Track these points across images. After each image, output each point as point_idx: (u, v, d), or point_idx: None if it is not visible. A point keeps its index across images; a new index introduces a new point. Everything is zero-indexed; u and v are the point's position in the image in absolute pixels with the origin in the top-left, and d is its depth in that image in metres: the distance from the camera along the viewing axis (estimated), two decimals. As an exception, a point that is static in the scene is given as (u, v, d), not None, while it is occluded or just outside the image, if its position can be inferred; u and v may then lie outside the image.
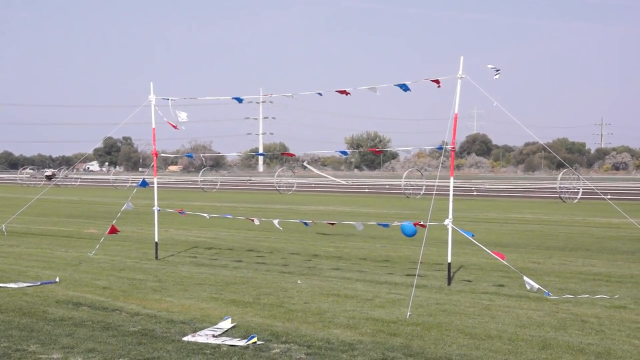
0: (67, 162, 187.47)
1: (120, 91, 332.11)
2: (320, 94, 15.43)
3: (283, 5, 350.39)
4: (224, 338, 9.23)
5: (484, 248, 14.10)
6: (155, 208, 17.42)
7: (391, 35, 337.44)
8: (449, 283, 13.50)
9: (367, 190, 69.03)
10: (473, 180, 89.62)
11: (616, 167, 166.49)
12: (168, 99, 16.78)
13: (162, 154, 20.30)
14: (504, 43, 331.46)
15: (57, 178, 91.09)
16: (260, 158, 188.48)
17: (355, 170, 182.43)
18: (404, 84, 13.80)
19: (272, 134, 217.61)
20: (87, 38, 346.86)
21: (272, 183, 71.50)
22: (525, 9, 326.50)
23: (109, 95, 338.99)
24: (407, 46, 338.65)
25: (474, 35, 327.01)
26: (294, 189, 67.20)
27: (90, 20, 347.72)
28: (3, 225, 21.13)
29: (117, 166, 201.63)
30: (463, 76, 13.04)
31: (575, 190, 50.60)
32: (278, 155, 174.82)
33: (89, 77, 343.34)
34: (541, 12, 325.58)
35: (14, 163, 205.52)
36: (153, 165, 17.98)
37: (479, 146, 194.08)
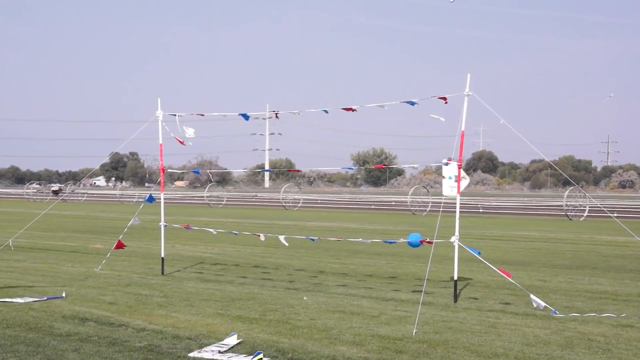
0: (73, 177, 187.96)
1: (127, 107, 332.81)
2: (326, 111, 15.46)
3: (290, 18, 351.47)
4: (230, 354, 9.23)
5: (490, 265, 14.08)
6: (162, 223, 17.45)
7: (399, 50, 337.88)
8: (455, 300, 13.48)
9: (373, 207, 69.02)
10: (479, 198, 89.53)
11: (622, 185, 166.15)
12: (175, 115, 16.84)
13: (168, 170, 20.33)
14: (510, 60, 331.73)
15: (64, 193, 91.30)
16: (267, 174, 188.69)
17: (362, 187, 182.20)
18: (412, 101, 13.84)
19: (278, 149, 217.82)
20: (95, 53, 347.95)
21: (278, 199, 71.55)
22: (533, 26, 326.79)
23: (116, 110, 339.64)
24: (413, 62, 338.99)
25: (481, 51, 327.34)
26: (300, 205, 67.21)
27: (96, 34, 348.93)
28: (10, 240, 21.14)
29: (124, 181, 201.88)
30: (470, 93, 13.07)
31: (582, 208, 50.54)
32: (284, 171, 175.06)
33: (96, 92, 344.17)
34: (549, 29, 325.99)
35: (20, 178, 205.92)
36: (160, 181, 18.01)
37: (485, 163, 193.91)
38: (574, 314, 12.30)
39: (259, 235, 17.16)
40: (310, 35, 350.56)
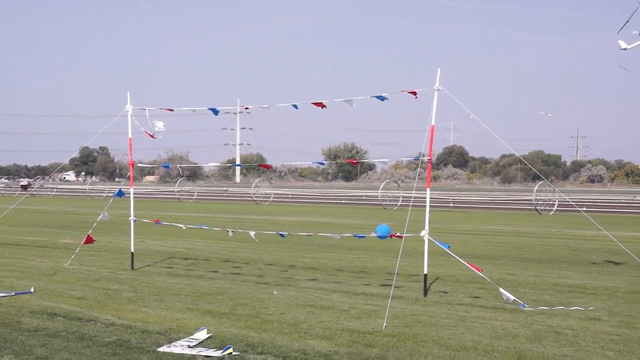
0: (42, 172, 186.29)
1: (96, 101, 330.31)
2: (296, 106, 15.41)
3: (261, 16, 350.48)
4: (199, 349, 9.21)
5: (460, 260, 14.15)
6: (132, 218, 17.36)
7: (369, 47, 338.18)
8: (425, 294, 13.54)
9: (344, 201, 69.11)
10: (449, 192, 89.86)
11: (591, 180, 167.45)
12: (145, 109, 16.77)
13: (138, 164, 20.24)
14: (480, 55, 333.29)
15: (33, 188, 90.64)
16: (238, 169, 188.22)
17: (333, 182, 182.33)
18: (381, 96, 13.85)
19: (249, 144, 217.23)
20: (64, 47, 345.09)
21: (249, 194, 71.45)
22: (500, 21, 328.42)
23: (86, 104, 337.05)
24: (383, 58, 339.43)
25: (451, 47, 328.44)
26: (270, 199, 67.15)
27: (66, 28, 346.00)
28: (-23, 235, 20.97)
29: (94, 176, 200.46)
30: (440, 88, 13.11)
31: (551, 202, 50.92)
32: (255, 166, 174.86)
33: (65, 86, 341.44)
34: (516, 25, 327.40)
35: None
36: (129, 176, 17.93)
37: (456, 158, 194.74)
38: (543, 307, 12.40)
39: (227, 231, 17.13)
40: (280, 31, 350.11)
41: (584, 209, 40.58)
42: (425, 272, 13.55)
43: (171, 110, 17.65)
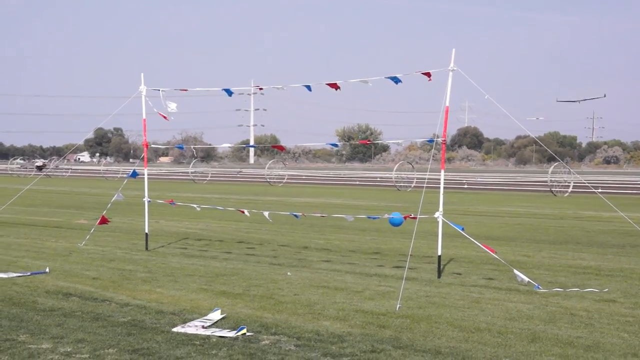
0: (57, 153, 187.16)
1: (111, 82, 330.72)
2: (309, 87, 15.32)
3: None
4: (213, 329, 9.22)
5: (474, 241, 14.12)
6: (146, 199, 17.39)
7: (383, 27, 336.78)
8: (439, 276, 13.52)
9: (358, 183, 69.06)
10: (464, 173, 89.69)
11: (607, 161, 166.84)
12: (159, 90, 16.75)
13: (152, 145, 20.24)
14: (495, 35, 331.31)
15: (48, 168, 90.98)
16: (251, 150, 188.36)
17: (346, 163, 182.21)
18: (396, 77, 13.78)
19: (263, 125, 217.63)
20: (78, 28, 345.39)
21: (263, 175, 71.47)
22: (518, 1, 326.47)
23: (100, 86, 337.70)
24: (399, 37, 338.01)
25: (465, 26, 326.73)
26: (284, 181, 67.16)
27: (81, 9, 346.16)
28: (-7, 216, 21.07)
29: (108, 157, 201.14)
30: (454, 68, 13.03)
31: (566, 183, 50.68)
32: (269, 147, 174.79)
33: (80, 68, 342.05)
34: (534, 4, 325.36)
35: (4, 153, 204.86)
36: (143, 156, 17.95)
37: (470, 139, 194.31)
38: (557, 289, 12.36)
39: (243, 211, 17.14)
40: (296, 12, 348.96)
41: (600, 190, 40.42)
42: (439, 253, 13.54)
43: (185, 90, 17.64)
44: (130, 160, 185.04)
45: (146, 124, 17.36)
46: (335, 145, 19.92)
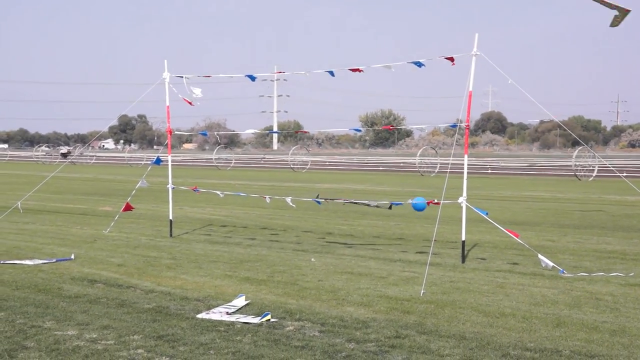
0: (82, 140, 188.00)
1: (135, 69, 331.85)
2: (332, 73, 15.28)
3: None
4: (237, 315, 9.25)
5: (498, 226, 14.06)
6: (170, 186, 17.45)
7: (407, 11, 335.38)
8: (463, 261, 13.49)
9: (381, 168, 68.97)
10: (487, 158, 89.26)
11: (632, 145, 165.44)
12: (182, 77, 16.78)
13: (176, 132, 20.30)
14: (520, 20, 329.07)
15: (73, 156, 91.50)
16: (275, 136, 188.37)
17: (370, 149, 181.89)
18: (419, 62, 13.73)
19: (286, 111, 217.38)
20: (103, 14, 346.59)
21: (287, 161, 71.55)
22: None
23: (124, 72, 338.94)
24: (422, 21, 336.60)
25: (490, 11, 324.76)
26: (308, 167, 67.19)
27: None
28: (19, 203, 21.20)
29: (132, 144, 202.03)
30: (478, 53, 12.96)
31: (591, 168, 50.43)
32: (292, 133, 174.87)
33: (104, 55, 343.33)
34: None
35: (29, 141, 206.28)
36: (167, 143, 18.00)
37: (494, 124, 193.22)
38: (582, 274, 12.30)
39: (264, 197, 17.16)
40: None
41: (625, 174, 40.15)
42: (463, 238, 13.51)
43: (208, 76, 17.67)
44: (154, 147, 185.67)
45: (170, 111, 17.42)
46: (359, 130, 19.93)
